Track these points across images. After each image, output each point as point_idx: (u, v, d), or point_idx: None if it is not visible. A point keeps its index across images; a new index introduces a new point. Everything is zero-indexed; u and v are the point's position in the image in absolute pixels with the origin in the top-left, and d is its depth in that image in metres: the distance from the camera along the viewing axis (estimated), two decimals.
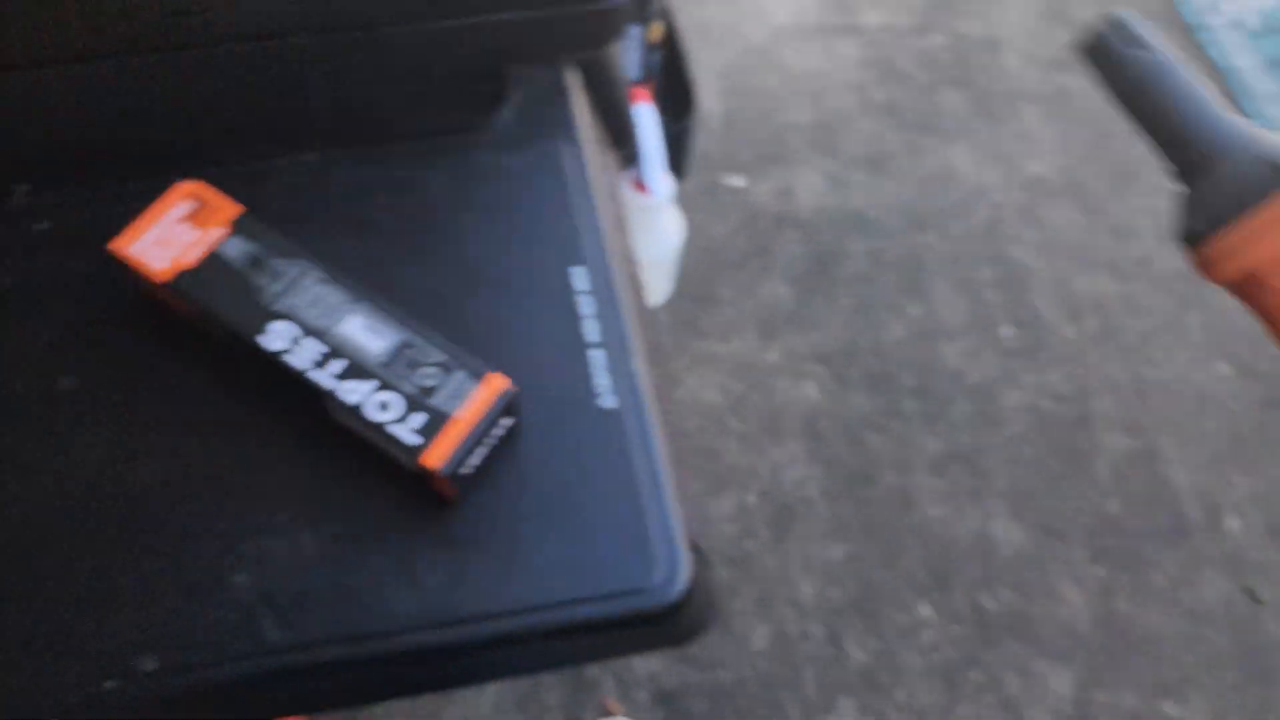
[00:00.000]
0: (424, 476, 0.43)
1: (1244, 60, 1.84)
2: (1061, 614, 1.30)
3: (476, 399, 0.43)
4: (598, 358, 0.48)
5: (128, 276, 0.48)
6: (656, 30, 0.82)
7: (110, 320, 0.49)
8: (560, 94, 0.57)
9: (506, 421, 0.44)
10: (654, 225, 0.88)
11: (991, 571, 1.33)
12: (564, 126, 0.56)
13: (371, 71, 0.55)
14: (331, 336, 0.44)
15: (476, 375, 0.44)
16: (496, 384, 0.44)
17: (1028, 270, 1.59)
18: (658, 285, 1.04)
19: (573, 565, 0.43)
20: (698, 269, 1.55)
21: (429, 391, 0.43)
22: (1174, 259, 1.61)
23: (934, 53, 1.81)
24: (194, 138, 0.56)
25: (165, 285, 0.45)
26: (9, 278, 0.50)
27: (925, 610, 1.28)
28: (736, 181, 1.65)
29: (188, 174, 0.52)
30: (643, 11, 0.79)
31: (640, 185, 0.81)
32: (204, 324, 0.47)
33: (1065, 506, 1.39)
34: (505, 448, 0.45)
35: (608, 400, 0.47)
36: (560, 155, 0.54)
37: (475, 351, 0.48)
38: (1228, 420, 1.47)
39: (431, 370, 0.43)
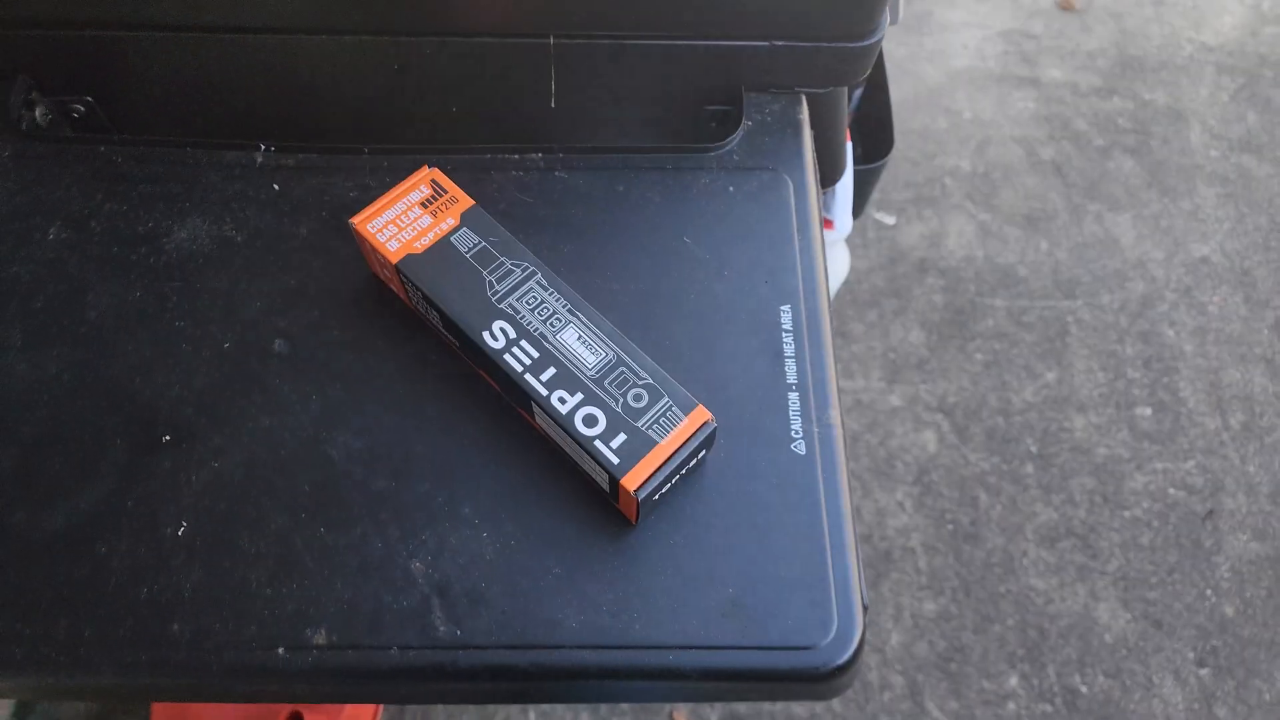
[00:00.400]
0: (613, 495, 0.44)
1: None
2: (1157, 710, 1.25)
3: (681, 429, 0.43)
4: (796, 400, 0.48)
5: (359, 250, 0.50)
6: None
7: (328, 290, 0.51)
8: (793, 124, 0.57)
9: (702, 454, 0.45)
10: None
11: (1089, 654, 1.28)
12: (792, 158, 0.56)
13: (613, 80, 0.56)
14: (548, 343, 0.45)
15: (684, 406, 0.44)
16: (701, 417, 0.44)
17: (1177, 353, 1.52)
18: None
19: (745, 609, 0.43)
20: (833, 301, 1.53)
21: (635, 413, 0.44)
22: None
23: (1113, 116, 1.74)
24: (433, 121, 0.58)
25: (394, 266, 0.48)
26: (240, 233, 0.52)
27: (1013, 681, 1.25)
28: (886, 219, 1.62)
29: (420, 154, 0.55)
30: None
31: (826, 220, 0.81)
32: (422, 309, 0.49)
33: (1177, 601, 1.33)
34: (692, 478, 0.46)
35: (800, 445, 0.47)
36: (785, 187, 0.55)
37: (675, 373, 0.49)
38: None
39: (640, 392, 0.44)
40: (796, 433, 0.47)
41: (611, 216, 0.54)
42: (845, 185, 0.77)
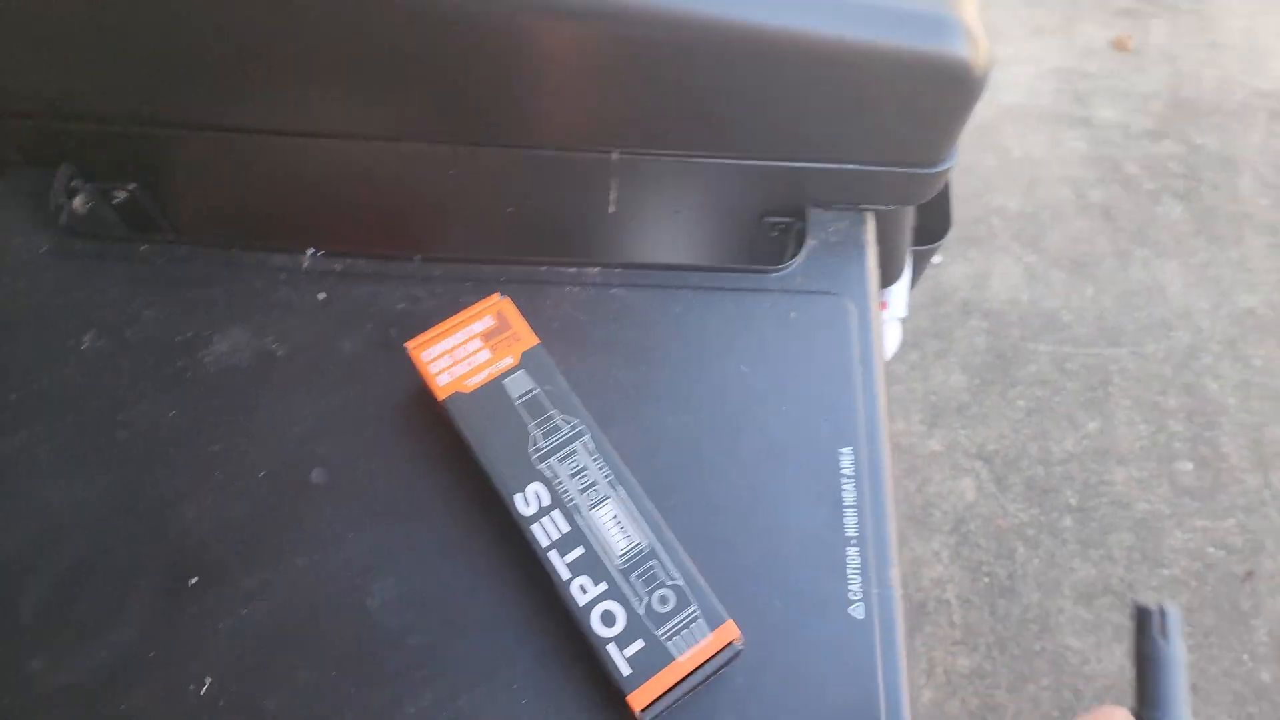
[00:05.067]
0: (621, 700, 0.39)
1: None
2: None
3: (704, 646, 0.38)
4: (855, 556, 0.44)
5: (412, 368, 0.46)
6: None
7: (373, 413, 0.46)
8: (857, 245, 0.52)
9: (724, 670, 0.40)
10: None
11: None
12: (855, 282, 0.51)
13: (674, 193, 0.51)
14: (580, 517, 0.40)
15: (711, 619, 0.39)
16: (726, 635, 0.39)
17: (1221, 407, 1.44)
18: None
19: None
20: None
21: (658, 618, 0.39)
22: None
23: (1164, 160, 1.66)
24: (487, 229, 0.54)
25: (441, 404, 0.43)
26: (282, 347, 0.48)
27: None
28: (932, 258, 1.55)
29: (472, 263, 0.50)
30: None
31: (881, 302, 0.76)
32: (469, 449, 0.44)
33: (1214, 665, 1.26)
34: (752, 640, 0.41)
35: (859, 609, 0.42)
36: (848, 315, 0.50)
37: (728, 524, 0.44)
38: None
39: (667, 594, 0.39)
40: (855, 594, 0.42)
41: (667, 340, 0.49)
42: (903, 275, 0.71)
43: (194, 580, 0.42)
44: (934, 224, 0.81)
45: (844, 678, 0.41)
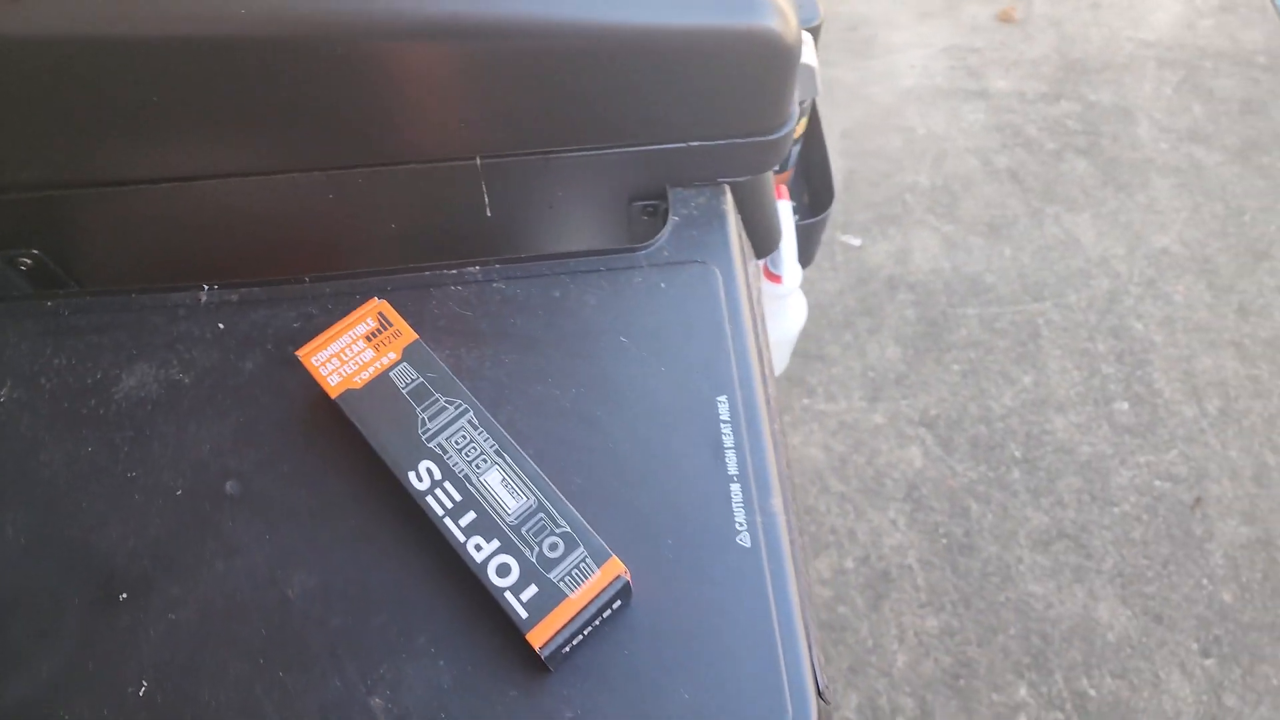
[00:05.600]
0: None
1: None
2: (1167, 706, 1.22)
3: (593, 583, 0.42)
4: (738, 492, 0.47)
5: (307, 381, 0.49)
6: (802, 125, 0.81)
7: (277, 424, 0.50)
8: (717, 215, 0.56)
9: (618, 605, 0.43)
10: (780, 311, 0.86)
11: (1093, 656, 1.26)
12: (719, 249, 0.55)
13: (542, 189, 0.55)
14: (471, 485, 0.44)
15: (598, 558, 0.42)
16: (614, 570, 0.42)
17: (1148, 345, 1.50)
18: (775, 364, 1.02)
19: (704, 711, 0.42)
20: (809, 326, 1.52)
21: (549, 563, 0.42)
22: None
23: (1062, 120, 1.73)
24: (373, 245, 0.57)
25: (333, 402, 0.47)
26: (187, 375, 0.51)
27: (1022, 692, 1.22)
28: (852, 241, 1.61)
29: (359, 278, 0.54)
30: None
31: (772, 274, 0.80)
32: (365, 441, 0.48)
33: (1175, 593, 1.30)
34: (644, 583, 0.45)
35: (745, 538, 0.46)
36: (714, 279, 0.54)
37: (619, 479, 0.47)
38: None
39: (556, 541, 0.43)
40: (741, 525, 0.46)
41: (549, 323, 0.53)
42: (788, 240, 0.76)
43: (124, 596, 0.45)
44: (821, 196, 0.86)
45: (738, 602, 0.44)
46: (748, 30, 0.49)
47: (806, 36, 0.62)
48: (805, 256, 0.87)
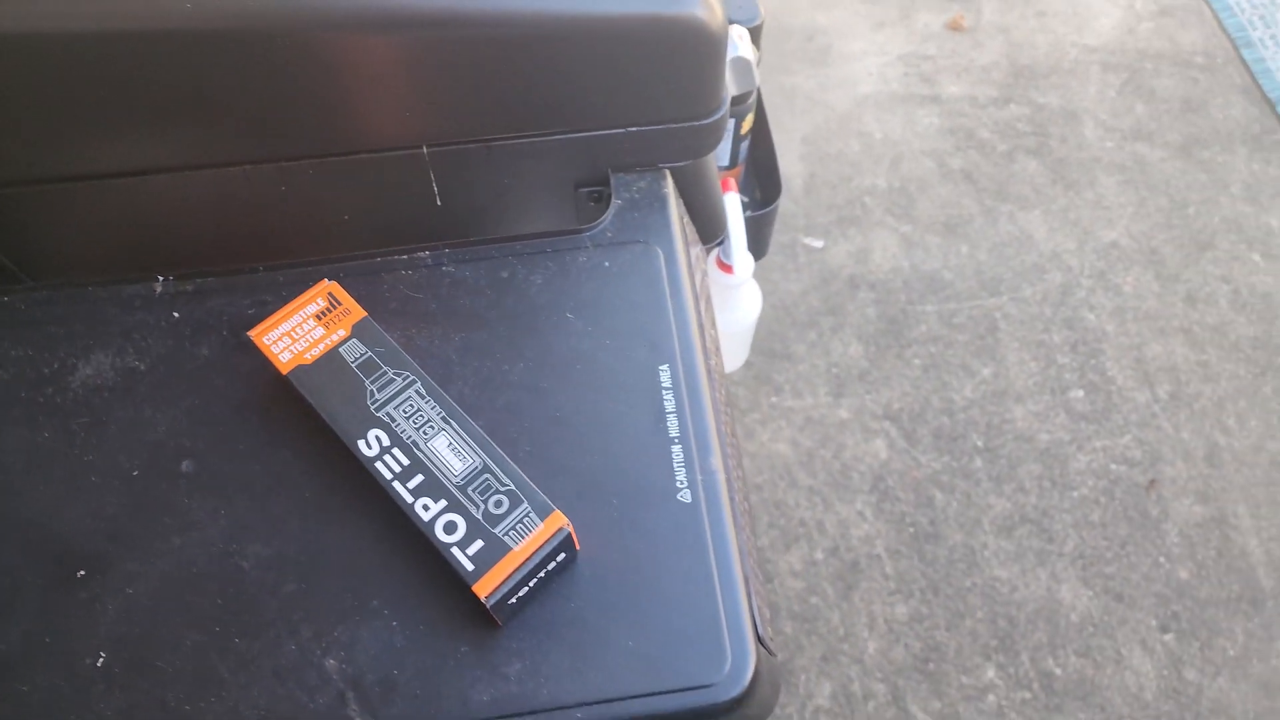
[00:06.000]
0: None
1: None
2: (1129, 682, 1.24)
3: (536, 535, 0.43)
4: (679, 453, 0.49)
5: (261, 362, 0.51)
6: (749, 121, 0.83)
7: (232, 405, 0.51)
8: (658, 199, 0.58)
9: (562, 557, 0.45)
10: (734, 301, 0.88)
11: (1058, 636, 1.28)
12: (660, 230, 0.57)
13: (484, 180, 0.57)
14: (419, 450, 0.45)
15: (541, 511, 0.44)
16: (556, 522, 0.44)
17: (1101, 335, 1.54)
18: (736, 354, 1.04)
19: (647, 658, 0.43)
20: (774, 326, 1.54)
21: (494, 520, 0.44)
22: (1249, 326, 1.53)
23: (1013, 122, 1.78)
24: (326, 233, 0.59)
25: (285, 377, 0.48)
26: (142, 363, 0.52)
27: (990, 673, 1.24)
28: (814, 242, 1.64)
29: (312, 265, 0.55)
30: (740, 105, 0.81)
31: (724, 265, 0.82)
32: (317, 415, 0.49)
33: (1134, 572, 1.33)
34: (588, 542, 0.46)
35: (686, 495, 0.48)
36: (656, 258, 0.56)
37: (566, 445, 0.49)
38: None
39: (501, 499, 0.44)
40: (682, 483, 0.48)
41: (498, 302, 0.54)
42: (738, 232, 0.78)
43: (81, 573, 0.46)
44: (765, 189, 0.88)
45: (679, 554, 0.46)
46: (674, 18, 0.51)
47: (741, 30, 0.65)
48: (758, 248, 0.90)
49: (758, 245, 0.89)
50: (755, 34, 0.80)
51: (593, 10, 0.51)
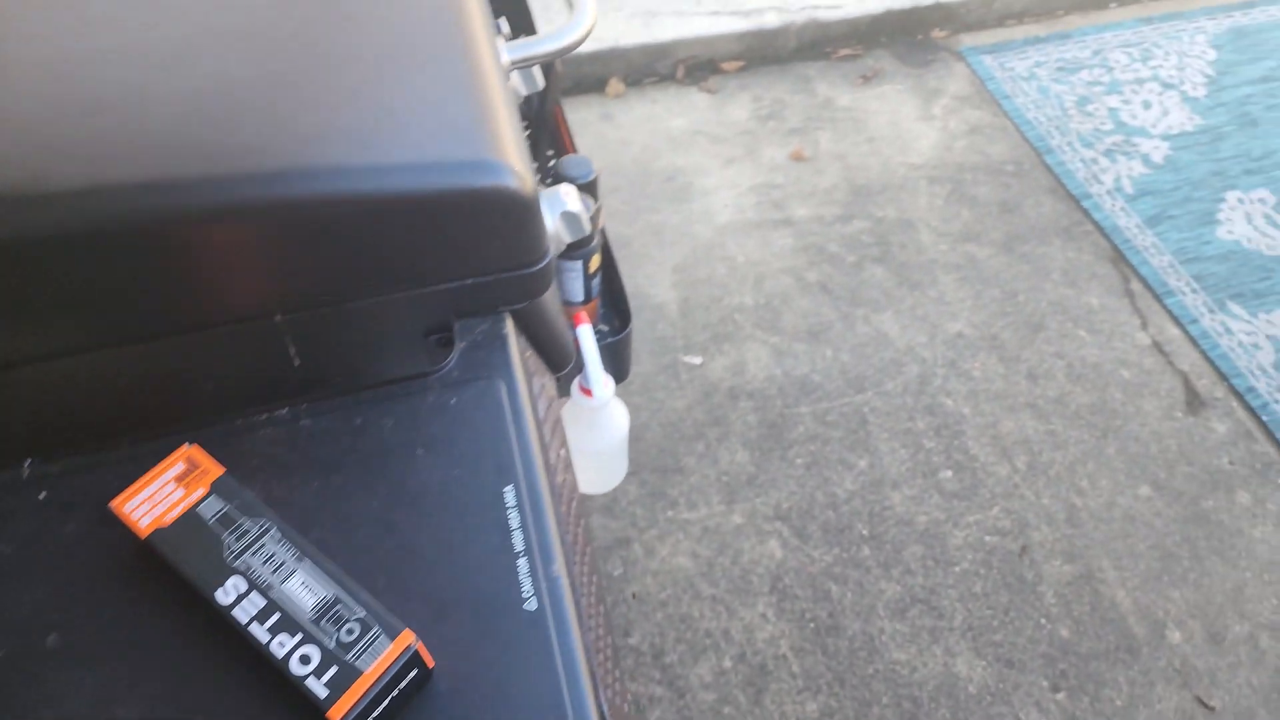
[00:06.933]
0: None
1: (1124, 220, 1.97)
2: None
3: (386, 655, 0.46)
4: (524, 564, 0.53)
5: (124, 531, 0.53)
6: (595, 261, 0.91)
7: (99, 575, 0.52)
8: (498, 338, 0.64)
9: (414, 674, 0.47)
10: (600, 422, 0.94)
11: (960, 710, 1.31)
12: (502, 366, 0.62)
13: (338, 338, 0.62)
14: (274, 592, 0.48)
15: (391, 633, 0.47)
16: (404, 641, 0.46)
17: (959, 418, 1.65)
18: (614, 469, 1.09)
19: None
20: (663, 442, 1.60)
21: (347, 647, 0.46)
22: (1085, 395, 1.67)
23: (857, 236, 1.95)
24: (185, 406, 0.62)
25: (144, 542, 0.50)
26: (8, 545, 0.54)
27: None
28: (693, 360, 1.73)
29: (178, 434, 0.58)
30: (584, 248, 0.89)
31: (585, 389, 0.88)
32: (179, 573, 0.51)
33: (1020, 636, 1.39)
34: (448, 655, 0.49)
35: (532, 602, 0.51)
36: (499, 391, 0.61)
37: (419, 570, 0.52)
38: (1156, 538, 1.49)
39: (353, 626, 0.47)
40: (527, 592, 0.51)
41: (351, 447, 0.58)
42: (592, 359, 0.84)
43: None
44: (619, 317, 0.96)
45: (527, 659, 0.49)
46: (488, 189, 0.58)
47: (569, 188, 0.73)
48: (619, 370, 0.96)
49: (619, 367, 0.96)
50: (591, 187, 0.89)
51: (419, 187, 0.57)
